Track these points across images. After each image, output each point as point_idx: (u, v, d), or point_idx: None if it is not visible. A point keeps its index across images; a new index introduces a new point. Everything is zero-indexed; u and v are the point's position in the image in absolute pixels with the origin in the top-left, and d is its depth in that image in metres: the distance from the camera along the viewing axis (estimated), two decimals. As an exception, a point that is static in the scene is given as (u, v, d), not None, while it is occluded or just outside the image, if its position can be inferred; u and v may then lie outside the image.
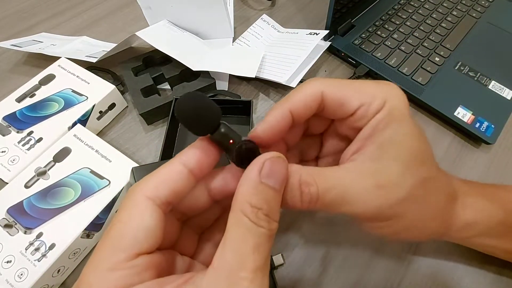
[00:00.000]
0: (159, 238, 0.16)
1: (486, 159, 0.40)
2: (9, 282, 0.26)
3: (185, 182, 0.17)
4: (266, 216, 0.16)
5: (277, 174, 0.16)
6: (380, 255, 0.33)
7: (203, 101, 0.17)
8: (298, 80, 0.42)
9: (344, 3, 0.48)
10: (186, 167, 0.17)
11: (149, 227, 0.15)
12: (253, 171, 0.16)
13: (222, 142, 0.17)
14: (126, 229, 0.15)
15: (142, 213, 0.16)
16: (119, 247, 0.15)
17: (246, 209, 0.15)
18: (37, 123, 0.36)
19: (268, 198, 0.16)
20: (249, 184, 0.16)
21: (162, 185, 0.17)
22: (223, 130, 0.17)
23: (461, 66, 0.46)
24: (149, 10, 0.45)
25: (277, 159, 0.17)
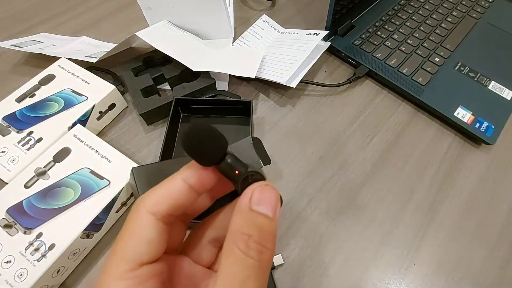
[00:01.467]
0: (160, 248, 0.17)
1: (486, 159, 0.40)
2: (9, 282, 0.26)
3: (185, 197, 0.18)
4: (257, 244, 0.15)
5: (267, 201, 0.16)
6: (380, 256, 0.33)
7: (209, 133, 0.17)
8: (298, 80, 0.42)
9: (344, 3, 0.48)
10: (186, 183, 0.18)
11: (150, 240, 0.16)
12: (243, 200, 0.16)
13: (227, 173, 0.18)
14: (129, 242, 0.16)
15: (144, 227, 0.17)
16: (124, 258, 0.16)
17: (237, 237, 0.16)
18: (37, 123, 0.36)
19: (259, 225, 0.16)
20: (240, 213, 0.16)
21: (163, 200, 0.17)
22: (229, 161, 0.17)
23: (461, 67, 0.46)
24: (149, 11, 0.45)
25: (265, 187, 0.17)
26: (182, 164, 0.31)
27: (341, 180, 0.37)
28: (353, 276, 0.31)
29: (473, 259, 0.33)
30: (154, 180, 0.30)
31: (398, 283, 0.31)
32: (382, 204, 0.36)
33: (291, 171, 0.37)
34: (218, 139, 0.17)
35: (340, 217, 0.35)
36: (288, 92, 0.45)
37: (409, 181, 0.38)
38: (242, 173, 0.17)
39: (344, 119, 0.42)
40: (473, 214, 0.36)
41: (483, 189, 0.38)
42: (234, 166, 0.17)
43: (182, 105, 0.40)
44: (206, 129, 0.17)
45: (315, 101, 0.44)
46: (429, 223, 0.35)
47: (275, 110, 0.43)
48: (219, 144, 0.17)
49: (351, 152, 0.39)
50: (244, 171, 0.17)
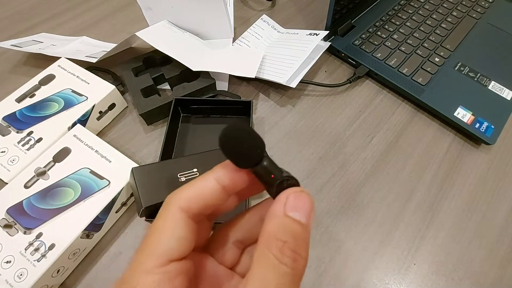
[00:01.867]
0: (190, 246, 0.17)
1: (486, 159, 0.40)
2: (9, 282, 0.26)
3: (217, 197, 0.18)
4: (292, 252, 0.15)
5: (302, 207, 0.16)
6: (380, 256, 0.33)
7: (248, 134, 0.17)
8: (298, 80, 0.42)
9: (344, 3, 0.48)
10: (219, 183, 0.18)
11: (180, 237, 0.17)
12: (277, 206, 0.16)
13: (262, 176, 0.17)
14: (160, 237, 0.16)
15: (175, 223, 0.17)
16: (154, 253, 0.16)
17: (271, 243, 0.15)
18: (37, 123, 0.36)
19: (294, 232, 0.16)
20: (275, 219, 0.16)
21: (195, 198, 0.17)
22: (265, 163, 0.17)
23: (461, 67, 0.46)
24: (149, 11, 0.45)
25: (301, 193, 0.17)
26: (182, 164, 0.32)
27: (341, 180, 0.37)
28: (353, 276, 0.31)
29: (473, 259, 0.33)
30: (154, 180, 0.30)
31: (398, 283, 0.31)
32: (382, 204, 0.36)
33: (291, 171, 0.37)
34: (256, 141, 0.17)
35: (340, 217, 0.35)
36: (288, 92, 0.45)
37: (409, 181, 0.38)
38: (277, 178, 0.17)
39: (344, 119, 0.42)
40: (473, 214, 0.36)
41: (483, 189, 0.38)
42: (270, 170, 0.17)
43: (182, 105, 0.40)
44: (245, 130, 0.17)
45: (315, 101, 0.44)
46: (429, 223, 0.35)
47: (275, 110, 0.43)
48: (258, 146, 0.17)
49: (351, 152, 0.39)
50: (280, 176, 0.17)
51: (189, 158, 0.32)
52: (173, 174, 0.30)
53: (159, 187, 0.29)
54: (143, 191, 0.29)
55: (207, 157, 0.32)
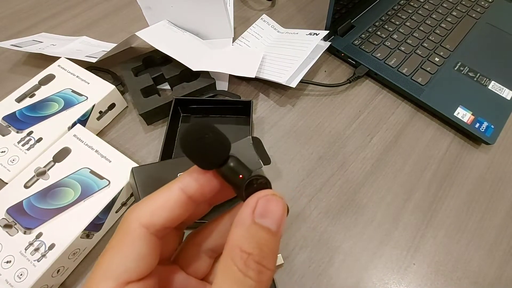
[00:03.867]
0: (151, 264, 0.16)
1: (486, 159, 0.40)
2: (9, 282, 0.26)
3: (183, 208, 0.16)
4: (257, 264, 0.14)
5: (273, 213, 0.15)
6: (379, 256, 0.33)
7: (210, 132, 0.15)
8: (298, 80, 0.42)
9: (344, 3, 0.48)
10: (185, 193, 0.16)
11: (140, 256, 0.15)
12: (245, 211, 0.15)
13: (230, 177, 0.16)
14: (117, 257, 0.15)
15: (134, 241, 0.15)
16: (110, 275, 0.14)
17: (235, 255, 0.14)
18: (37, 123, 0.36)
19: (261, 241, 0.14)
20: (241, 226, 0.15)
21: (158, 212, 0.16)
22: (231, 164, 0.16)
23: (460, 67, 0.46)
24: (149, 10, 0.45)
25: (272, 197, 0.15)
26: (182, 164, 0.32)
27: (340, 180, 0.37)
28: (353, 276, 0.31)
29: (472, 258, 0.33)
30: (154, 180, 0.30)
31: (397, 282, 0.31)
32: (381, 203, 0.36)
33: (290, 171, 0.37)
34: (220, 139, 0.15)
35: (340, 216, 0.35)
36: (288, 92, 0.45)
37: (408, 180, 0.38)
38: (245, 178, 0.16)
39: (343, 119, 0.42)
40: (472, 214, 0.36)
41: (482, 189, 0.38)
42: (238, 170, 0.16)
43: (182, 105, 0.40)
44: (207, 129, 0.15)
45: (315, 101, 0.44)
46: (428, 223, 0.35)
47: (275, 110, 0.43)
48: (222, 145, 0.15)
49: (350, 152, 0.39)
50: (248, 175, 0.16)
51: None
52: (173, 174, 0.30)
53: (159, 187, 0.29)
54: (143, 191, 0.29)
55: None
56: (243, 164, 0.16)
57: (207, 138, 0.15)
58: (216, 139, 0.15)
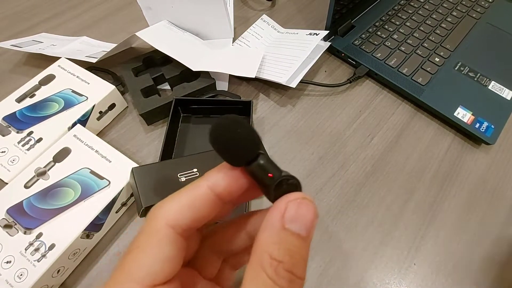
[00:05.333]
0: (177, 266, 0.15)
1: (486, 159, 0.40)
2: (9, 283, 0.26)
3: (211, 207, 0.16)
4: (288, 273, 0.13)
5: (304, 218, 0.14)
6: (380, 256, 0.33)
7: (241, 127, 0.14)
8: (298, 80, 0.42)
9: (344, 3, 0.48)
10: (213, 191, 0.16)
11: (167, 258, 0.14)
12: (275, 215, 0.14)
13: (258, 176, 0.15)
14: (142, 258, 0.14)
15: (161, 242, 0.14)
16: (134, 277, 0.14)
17: (265, 262, 0.13)
18: (37, 123, 0.36)
19: (291, 248, 0.14)
20: (270, 231, 0.14)
21: (185, 211, 0.15)
22: (261, 162, 0.15)
23: (461, 67, 0.46)
24: (149, 11, 0.45)
25: (303, 201, 0.14)
26: (182, 165, 0.32)
27: (341, 180, 0.37)
28: (354, 276, 0.31)
29: (473, 259, 0.33)
30: (154, 180, 0.30)
31: (398, 283, 0.31)
32: (382, 204, 0.36)
33: (291, 171, 0.37)
34: (251, 135, 0.15)
35: (341, 217, 0.35)
36: (288, 92, 0.45)
37: (409, 181, 0.38)
38: (276, 177, 0.15)
39: (344, 119, 0.42)
40: (473, 214, 0.36)
41: (483, 189, 0.38)
42: (267, 169, 0.15)
43: (182, 105, 0.40)
44: (238, 123, 0.14)
45: (315, 101, 0.44)
46: (429, 223, 0.35)
47: (275, 110, 0.43)
48: (253, 141, 0.15)
49: (351, 152, 0.39)
50: (279, 175, 0.15)
51: (189, 158, 0.32)
52: (173, 174, 0.30)
53: (159, 187, 0.29)
54: (143, 191, 0.29)
55: (207, 157, 0.32)
56: (274, 163, 0.15)
57: (239, 133, 0.14)
58: (248, 134, 0.15)
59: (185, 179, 0.30)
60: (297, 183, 0.15)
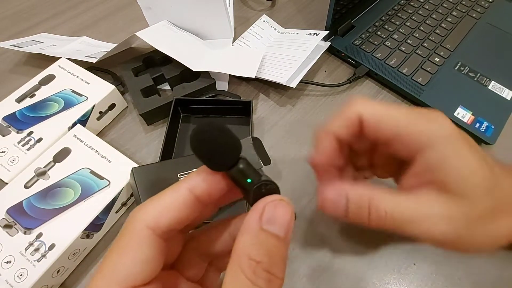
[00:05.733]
0: (156, 268, 0.15)
1: (486, 159, 0.40)
2: (9, 283, 0.26)
3: (191, 210, 0.16)
4: (265, 272, 0.14)
5: (281, 219, 0.15)
6: (380, 256, 0.33)
7: (222, 133, 0.15)
8: (298, 80, 0.42)
9: (344, 3, 0.48)
10: (193, 193, 0.16)
11: (146, 259, 0.15)
12: (253, 217, 0.14)
13: (238, 180, 0.16)
14: (122, 260, 0.14)
15: (141, 243, 0.15)
16: (114, 279, 0.14)
17: (244, 263, 0.14)
18: (37, 124, 0.36)
19: (270, 248, 0.14)
20: (249, 232, 0.14)
21: (165, 213, 0.15)
22: (241, 166, 0.15)
23: (461, 67, 0.46)
24: (149, 11, 0.45)
25: (280, 202, 0.15)
26: (182, 164, 0.32)
27: (341, 180, 0.37)
28: (353, 276, 0.31)
29: (472, 258, 0.33)
30: (154, 180, 0.30)
31: (398, 282, 0.31)
32: (382, 204, 0.36)
33: (291, 171, 0.37)
34: (231, 140, 0.15)
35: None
36: (288, 92, 0.45)
37: (409, 181, 0.37)
38: (255, 182, 0.15)
39: (344, 119, 0.42)
40: (473, 214, 0.36)
41: (483, 189, 0.37)
42: (247, 173, 0.15)
43: (182, 105, 0.40)
44: (218, 129, 0.15)
45: (315, 101, 0.44)
46: (429, 223, 0.35)
47: (275, 110, 0.43)
48: (233, 146, 0.15)
49: (351, 152, 0.39)
50: (257, 180, 0.16)
51: (189, 158, 0.32)
52: (173, 174, 0.30)
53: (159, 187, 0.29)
54: (143, 191, 0.29)
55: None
56: (253, 168, 0.16)
57: (219, 139, 0.15)
58: (228, 140, 0.15)
59: (185, 179, 0.30)
60: (275, 188, 0.16)
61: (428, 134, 0.19)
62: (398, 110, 0.21)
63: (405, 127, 0.20)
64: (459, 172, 0.19)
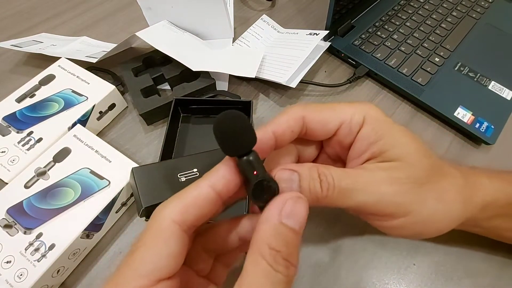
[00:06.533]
0: (180, 262, 0.16)
1: (486, 159, 0.40)
2: (9, 283, 0.26)
3: (212, 206, 0.17)
4: (284, 260, 0.15)
5: (298, 215, 0.16)
6: (379, 256, 0.33)
7: (243, 123, 0.17)
8: (298, 80, 0.42)
9: (344, 4, 0.48)
10: (214, 190, 0.17)
11: (172, 253, 0.15)
12: (273, 210, 0.16)
13: (246, 170, 0.17)
14: (149, 254, 0.15)
15: (168, 238, 0.16)
16: (141, 272, 0.15)
17: (265, 251, 0.15)
18: (37, 123, 0.36)
19: (287, 240, 0.16)
20: (269, 224, 0.16)
21: (189, 209, 0.16)
22: (252, 158, 0.17)
23: (461, 67, 0.46)
24: (149, 11, 0.45)
25: (299, 199, 0.16)
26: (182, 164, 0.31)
27: (341, 180, 0.37)
28: (353, 276, 0.31)
29: (472, 259, 0.33)
30: (154, 180, 0.30)
31: (397, 283, 0.31)
32: (382, 204, 0.36)
33: (291, 171, 0.37)
34: (250, 131, 0.17)
35: (340, 217, 0.35)
36: (288, 92, 0.45)
37: (409, 181, 0.37)
38: (259, 175, 0.17)
39: (344, 119, 0.42)
40: (473, 214, 0.36)
41: (483, 189, 0.37)
42: (255, 166, 0.17)
43: (182, 105, 0.40)
44: (242, 118, 0.17)
45: (315, 101, 0.44)
46: (428, 223, 0.35)
47: (275, 110, 0.43)
48: (249, 137, 0.17)
49: (351, 152, 0.39)
50: (262, 174, 0.17)
51: (189, 158, 0.32)
52: (173, 174, 0.30)
53: (159, 187, 0.29)
54: (143, 191, 0.29)
55: (207, 157, 0.32)
56: (262, 165, 0.17)
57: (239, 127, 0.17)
58: (246, 130, 0.17)
59: (185, 179, 0.30)
60: (275, 187, 0.17)
61: (363, 113, 0.21)
62: (331, 104, 0.22)
63: (343, 112, 0.21)
64: (396, 140, 0.20)
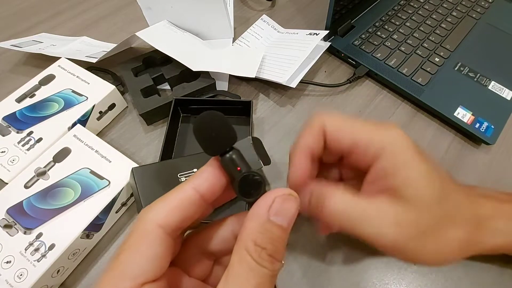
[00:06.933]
0: (165, 265, 0.16)
1: (486, 159, 0.40)
2: (9, 283, 0.26)
3: (196, 208, 0.17)
4: (269, 257, 0.15)
5: (287, 212, 0.16)
6: (380, 256, 0.33)
7: (221, 122, 0.17)
8: (298, 80, 0.42)
9: (344, 4, 0.48)
10: (198, 192, 0.17)
11: (157, 256, 0.16)
12: (262, 207, 0.16)
13: (229, 167, 0.17)
14: (134, 257, 0.15)
15: (152, 241, 0.16)
16: (126, 276, 0.15)
17: (250, 248, 0.15)
18: (37, 123, 0.36)
19: (273, 237, 0.16)
20: (256, 221, 0.16)
21: (173, 212, 0.16)
22: (234, 155, 0.17)
23: (461, 67, 0.46)
24: (149, 11, 0.45)
25: (289, 197, 0.16)
26: (182, 164, 0.31)
27: (341, 180, 0.37)
28: (353, 276, 0.31)
29: (472, 259, 0.33)
30: (154, 180, 0.30)
31: (397, 283, 0.31)
32: (382, 204, 0.36)
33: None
34: (229, 129, 0.17)
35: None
36: (288, 92, 0.45)
37: (409, 181, 0.37)
38: (243, 171, 0.17)
39: (344, 119, 0.42)
40: (473, 214, 0.36)
41: (483, 189, 0.37)
42: (237, 162, 0.17)
43: (182, 105, 0.40)
44: (219, 118, 0.17)
45: (315, 101, 0.44)
46: (429, 223, 0.35)
47: (275, 110, 0.43)
48: (229, 135, 0.17)
49: (351, 152, 0.39)
50: (246, 170, 0.17)
51: (189, 158, 0.32)
52: (173, 174, 0.30)
53: (159, 187, 0.29)
54: (143, 191, 0.29)
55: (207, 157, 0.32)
56: (245, 160, 0.17)
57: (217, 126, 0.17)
58: (225, 128, 0.17)
59: (185, 179, 0.30)
60: (261, 180, 0.17)
61: (382, 142, 0.20)
62: (355, 120, 0.22)
63: (360, 136, 0.21)
64: (411, 180, 0.19)
